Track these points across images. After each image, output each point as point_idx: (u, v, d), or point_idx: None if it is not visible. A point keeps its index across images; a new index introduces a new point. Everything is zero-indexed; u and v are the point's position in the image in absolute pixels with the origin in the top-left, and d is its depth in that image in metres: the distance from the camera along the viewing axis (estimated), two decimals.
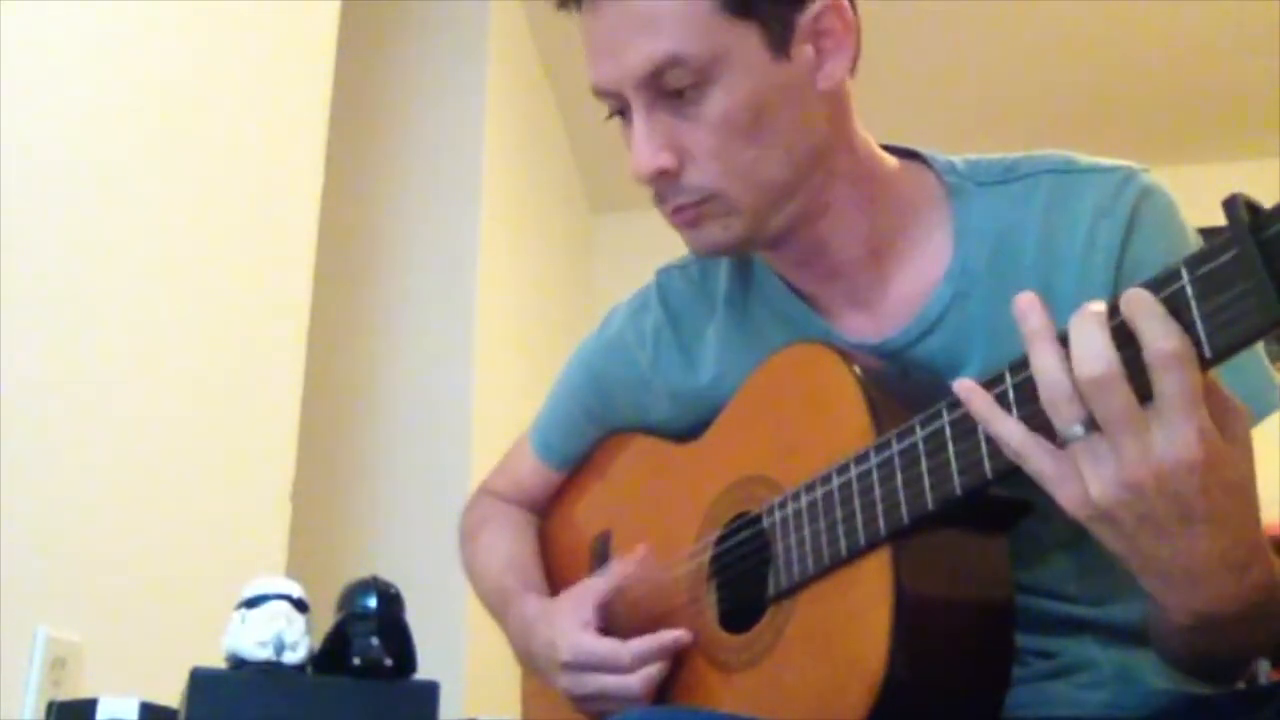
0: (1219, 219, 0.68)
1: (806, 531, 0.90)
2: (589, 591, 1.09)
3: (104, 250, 1.64)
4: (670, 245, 1.08)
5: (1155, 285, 0.69)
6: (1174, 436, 0.68)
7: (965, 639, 0.85)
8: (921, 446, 0.81)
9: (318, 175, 2.22)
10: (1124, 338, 0.69)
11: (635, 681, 1.01)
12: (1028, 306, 0.73)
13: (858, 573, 0.86)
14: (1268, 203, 0.67)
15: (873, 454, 0.85)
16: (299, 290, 2.15)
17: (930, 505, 0.81)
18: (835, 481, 0.88)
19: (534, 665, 1.14)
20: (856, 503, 0.86)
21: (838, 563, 0.87)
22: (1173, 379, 0.67)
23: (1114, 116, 3.85)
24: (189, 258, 1.83)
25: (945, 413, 0.81)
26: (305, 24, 2.23)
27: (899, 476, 0.83)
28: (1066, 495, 0.72)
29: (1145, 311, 0.68)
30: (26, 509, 1.43)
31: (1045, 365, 0.71)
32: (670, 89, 0.93)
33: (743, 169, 0.94)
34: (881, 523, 0.84)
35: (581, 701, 1.06)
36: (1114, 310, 0.70)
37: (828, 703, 0.85)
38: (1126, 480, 0.69)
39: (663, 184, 0.95)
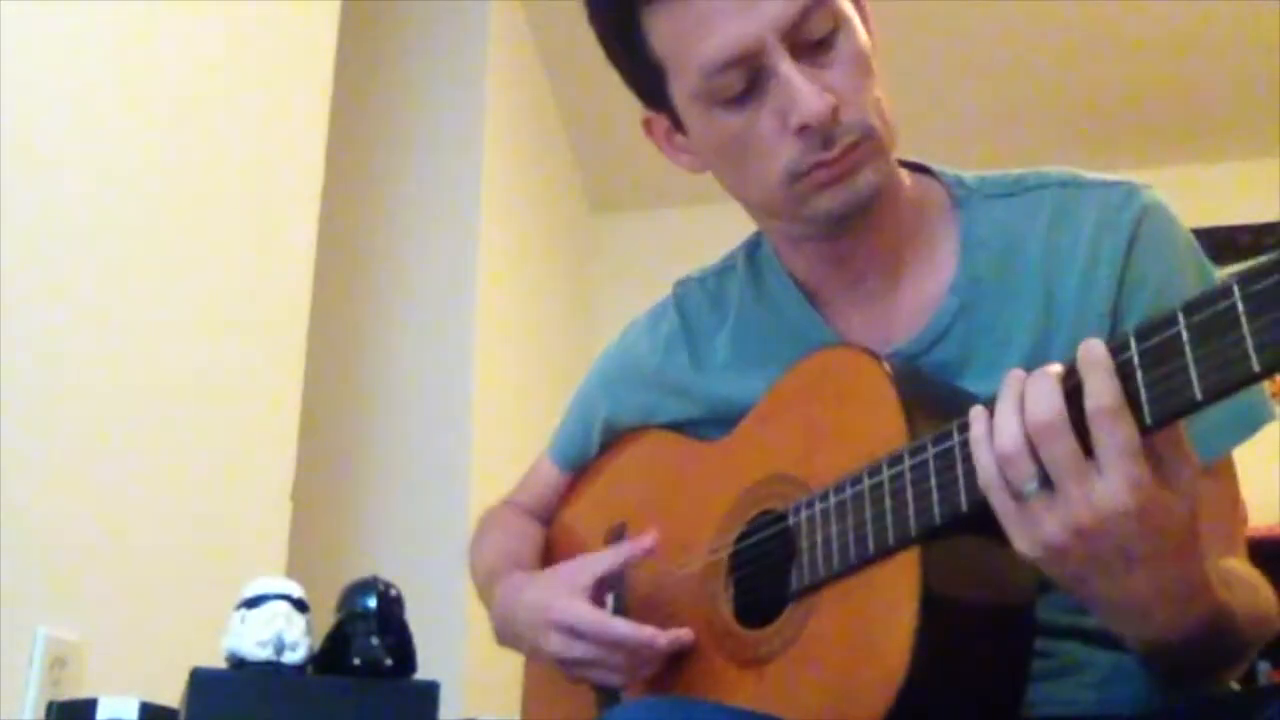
0: (1219, 219, 0.69)
1: (834, 530, 0.90)
2: (590, 563, 1.09)
3: (104, 250, 1.64)
4: (670, 245, 1.08)
5: (1114, 348, 0.72)
6: (1110, 485, 0.72)
7: (988, 642, 0.85)
8: (958, 450, 0.81)
9: (318, 175, 2.22)
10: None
11: (619, 659, 1.02)
12: (1010, 377, 0.77)
13: (884, 572, 0.86)
14: (1268, 203, 0.68)
15: (907, 456, 0.85)
16: (299, 290, 2.15)
17: (964, 508, 0.81)
18: (867, 482, 0.88)
19: (516, 630, 1.13)
20: (888, 503, 0.86)
21: (864, 561, 0.87)
22: (1106, 433, 0.71)
23: (1114, 116, 3.85)
24: (189, 257, 1.83)
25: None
26: (305, 24, 2.23)
27: (933, 479, 0.83)
28: (1021, 539, 0.76)
29: (1091, 365, 0.72)
30: (26, 509, 1.43)
31: (1003, 422, 0.75)
32: (807, 38, 0.93)
33: (878, 106, 0.96)
34: (912, 524, 0.84)
35: (568, 666, 1.06)
36: (1118, 348, 0.72)
37: (847, 699, 0.86)
38: (1072, 525, 0.73)
39: (830, 126, 0.93)
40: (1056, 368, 0.75)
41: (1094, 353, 0.72)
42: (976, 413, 0.78)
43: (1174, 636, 0.79)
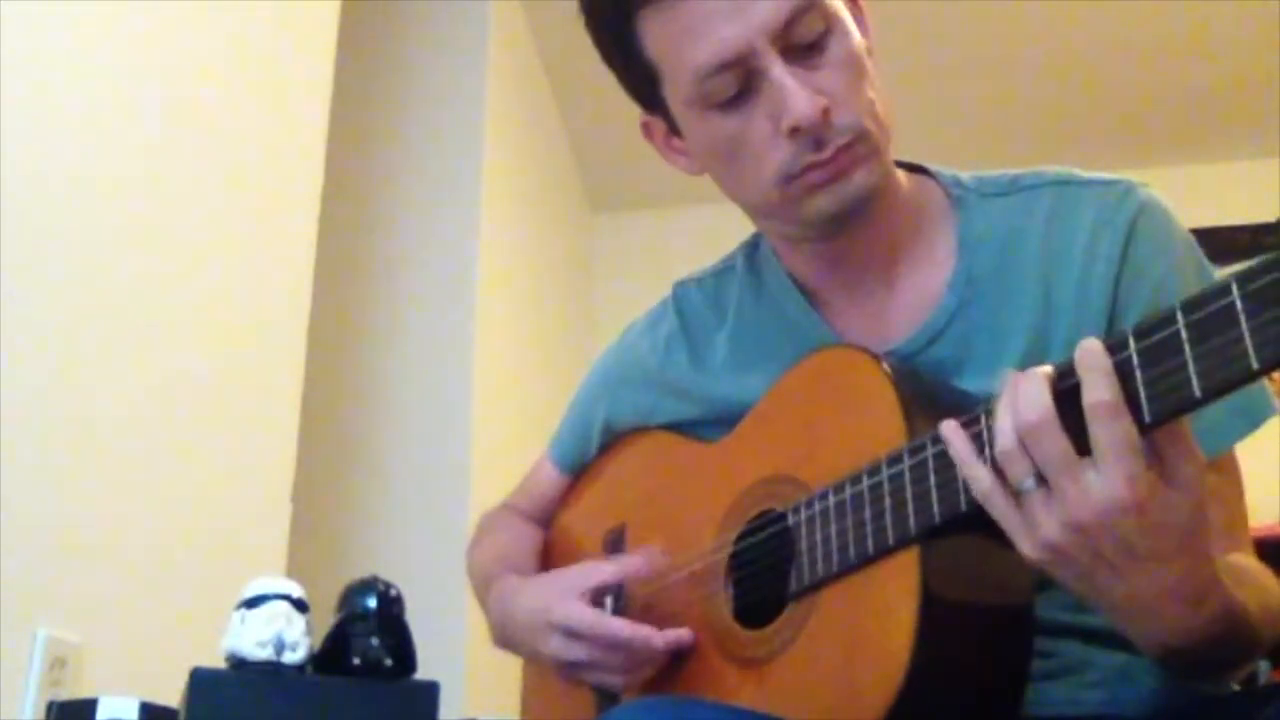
0: (1219, 219, 0.69)
1: (834, 529, 0.90)
2: (589, 571, 1.10)
3: (104, 250, 1.64)
4: (670, 245, 1.09)
5: (1112, 346, 0.72)
6: (1108, 480, 0.72)
7: (987, 641, 0.85)
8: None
9: (318, 175, 2.22)
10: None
11: (617, 660, 1.03)
12: (1006, 376, 0.77)
13: (884, 571, 0.86)
14: (1268, 203, 0.68)
15: (906, 455, 0.85)
16: (299, 290, 2.15)
17: (963, 507, 0.81)
18: (866, 482, 0.88)
19: (514, 634, 1.14)
20: (887, 502, 0.86)
21: (864, 561, 0.87)
22: (1103, 428, 0.71)
23: (1115, 116, 3.85)
24: (189, 258, 1.83)
25: (984, 417, 0.81)
26: (305, 24, 2.23)
27: (932, 478, 0.83)
28: (1024, 542, 0.76)
29: (1088, 362, 0.72)
30: (26, 509, 1.43)
31: (1000, 422, 0.76)
32: (798, 41, 0.94)
33: (872, 107, 0.97)
34: (912, 523, 0.84)
35: (566, 668, 1.07)
36: (1116, 346, 0.72)
37: (847, 698, 0.86)
38: (1071, 522, 0.73)
39: (821, 128, 0.94)
40: (1048, 368, 0.75)
41: (1091, 350, 0.72)
42: (954, 432, 0.79)
43: (1186, 636, 0.78)
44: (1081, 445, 0.73)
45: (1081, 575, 0.76)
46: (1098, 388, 0.71)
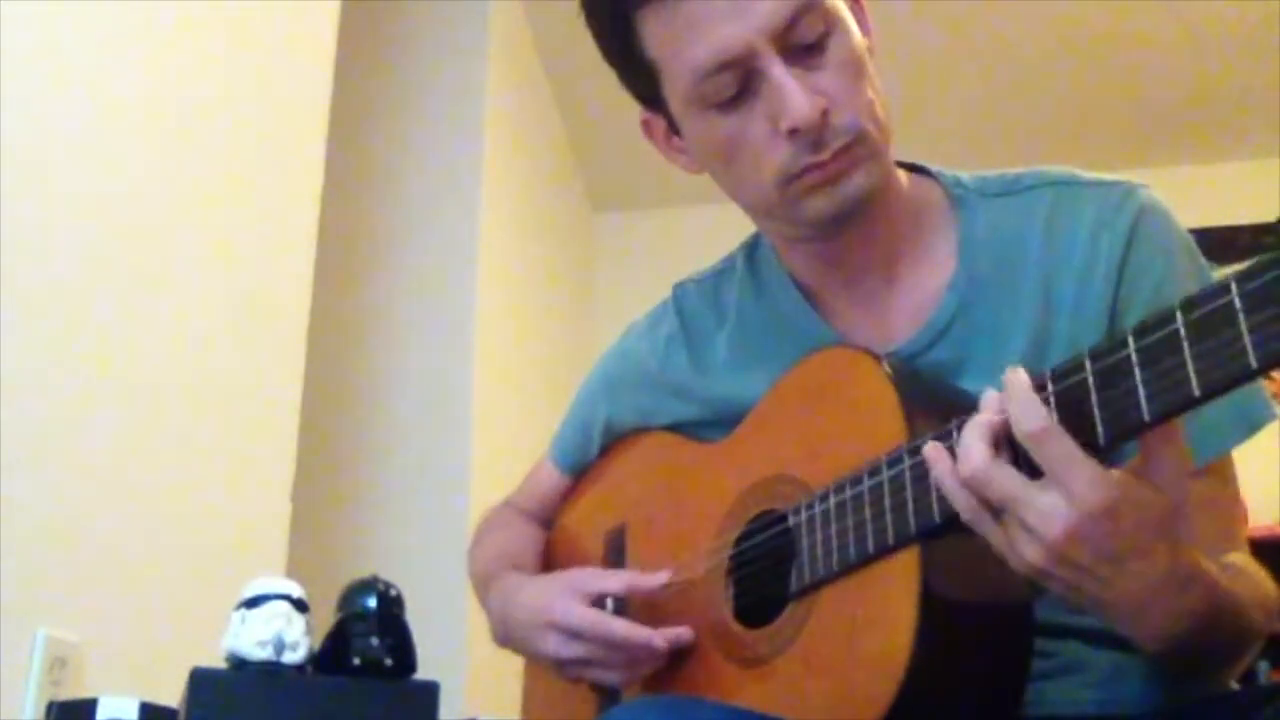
0: (1219, 219, 0.69)
1: (834, 529, 0.90)
2: (593, 576, 1.10)
3: (103, 250, 1.64)
4: (670, 244, 1.09)
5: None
6: (1069, 495, 0.73)
7: (987, 641, 0.86)
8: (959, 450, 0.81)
9: (318, 175, 2.22)
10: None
11: (617, 659, 1.03)
12: (985, 399, 0.78)
13: (884, 571, 0.86)
14: (1268, 203, 0.68)
15: (906, 455, 0.85)
16: (299, 290, 2.15)
17: None
18: (866, 482, 0.88)
19: (513, 631, 1.14)
20: (887, 502, 0.86)
21: (864, 560, 0.88)
22: (1044, 451, 0.73)
23: (1113, 117, 3.85)
24: (189, 257, 1.83)
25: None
26: (305, 24, 2.23)
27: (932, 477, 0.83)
28: (1013, 560, 0.78)
29: (1011, 393, 0.75)
30: (26, 509, 1.43)
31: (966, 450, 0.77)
32: (798, 42, 0.93)
33: (871, 109, 0.96)
34: (912, 523, 0.84)
35: (566, 666, 1.07)
36: (1115, 345, 0.72)
37: (847, 698, 0.86)
38: (1045, 543, 0.75)
39: (821, 129, 0.93)
40: (984, 416, 0.77)
41: (1010, 380, 0.75)
42: (938, 455, 0.79)
43: (1176, 628, 0.79)
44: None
45: (1069, 586, 0.77)
46: (1019, 419, 0.74)
